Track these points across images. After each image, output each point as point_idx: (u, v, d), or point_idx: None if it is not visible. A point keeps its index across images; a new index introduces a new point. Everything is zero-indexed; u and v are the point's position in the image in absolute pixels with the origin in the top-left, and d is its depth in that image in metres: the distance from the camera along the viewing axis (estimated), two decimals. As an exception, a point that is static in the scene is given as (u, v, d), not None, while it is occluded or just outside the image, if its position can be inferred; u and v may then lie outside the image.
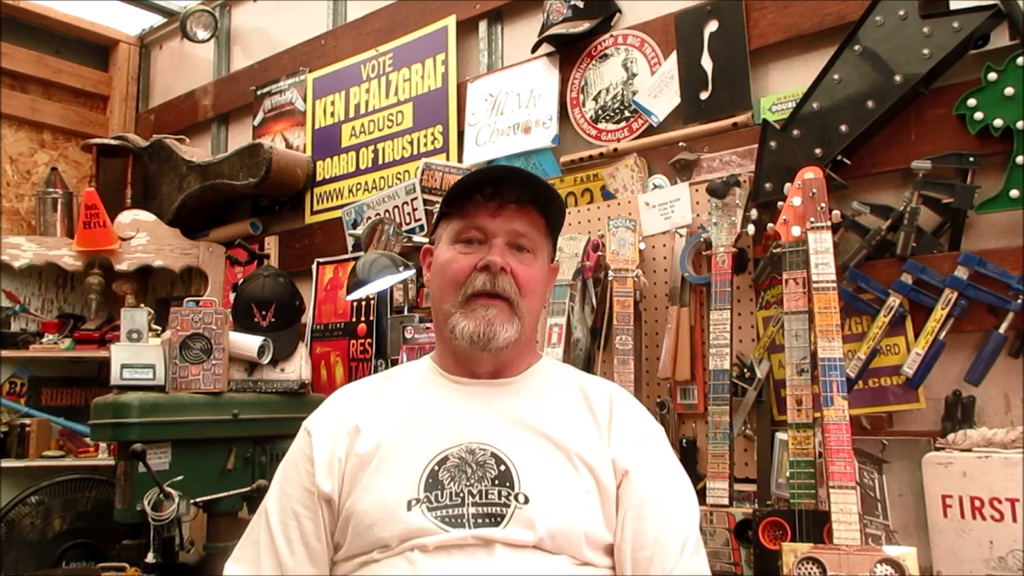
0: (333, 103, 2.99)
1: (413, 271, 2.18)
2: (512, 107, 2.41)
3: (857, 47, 1.70)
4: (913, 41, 1.63)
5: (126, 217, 3.14)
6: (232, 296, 2.60)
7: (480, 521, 1.08)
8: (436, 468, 1.11)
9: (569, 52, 2.31)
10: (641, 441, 1.19)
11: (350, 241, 2.74)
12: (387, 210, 2.61)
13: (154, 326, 2.47)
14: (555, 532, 1.07)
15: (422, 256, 1.32)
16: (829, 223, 1.55)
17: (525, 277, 1.19)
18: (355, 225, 2.69)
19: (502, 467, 1.11)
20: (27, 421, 2.99)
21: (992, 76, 1.57)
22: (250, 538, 1.19)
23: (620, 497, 1.13)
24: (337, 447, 1.17)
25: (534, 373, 1.26)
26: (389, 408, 1.21)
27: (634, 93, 2.16)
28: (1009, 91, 1.55)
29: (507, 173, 1.20)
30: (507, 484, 1.10)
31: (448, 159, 2.55)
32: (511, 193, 1.18)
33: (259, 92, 3.27)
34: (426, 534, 1.07)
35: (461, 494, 1.09)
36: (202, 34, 3.44)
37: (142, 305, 2.93)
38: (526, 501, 1.08)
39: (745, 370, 1.78)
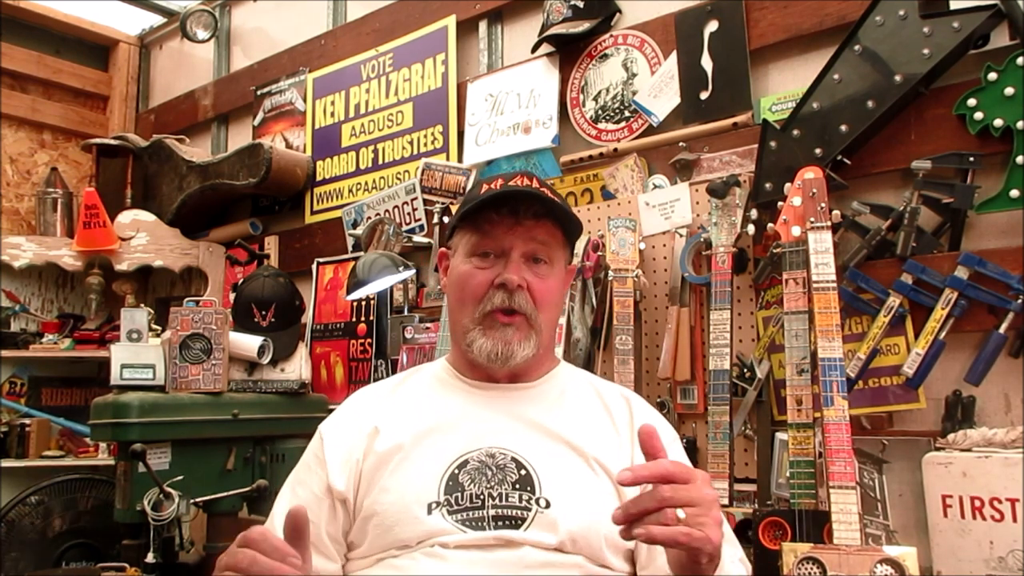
0: (333, 103, 2.99)
1: (413, 271, 2.18)
2: (512, 107, 2.41)
3: (857, 47, 1.70)
4: (913, 41, 1.63)
5: (126, 217, 3.14)
6: (232, 296, 2.60)
7: (500, 523, 1.08)
8: (456, 471, 1.12)
9: (569, 52, 2.31)
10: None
11: (350, 241, 2.74)
12: (387, 210, 2.61)
13: (154, 326, 2.47)
14: (577, 536, 1.08)
15: (439, 260, 1.34)
16: (829, 223, 1.55)
17: (541, 291, 1.19)
18: (355, 225, 2.69)
19: (523, 471, 1.12)
20: (27, 421, 2.99)
21: (992, 76, 1.57)
22: None
23: None
24: (355, 448, 1.17)
25: (553, 378, 1.27)
26: (408, 409, 1.22)
27: (634, 93, 2.16)
28: (1009, 91, 1.55)
29: (523, 193, 1.19)
30: (528, 488, 1.10)
31: (448, 159, 2.55)
32: (528, 209, 1.18)
33: (259, 92, 3.27)
34: (446, 535, 1.07)
35: (481, 496, 1.10)
36: (202, 34, 3.44)
37: (142, 305, 2.93)
38: (547, 505, 1.09)
39: (745, 370, 1.78)
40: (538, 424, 1.18)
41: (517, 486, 1.11)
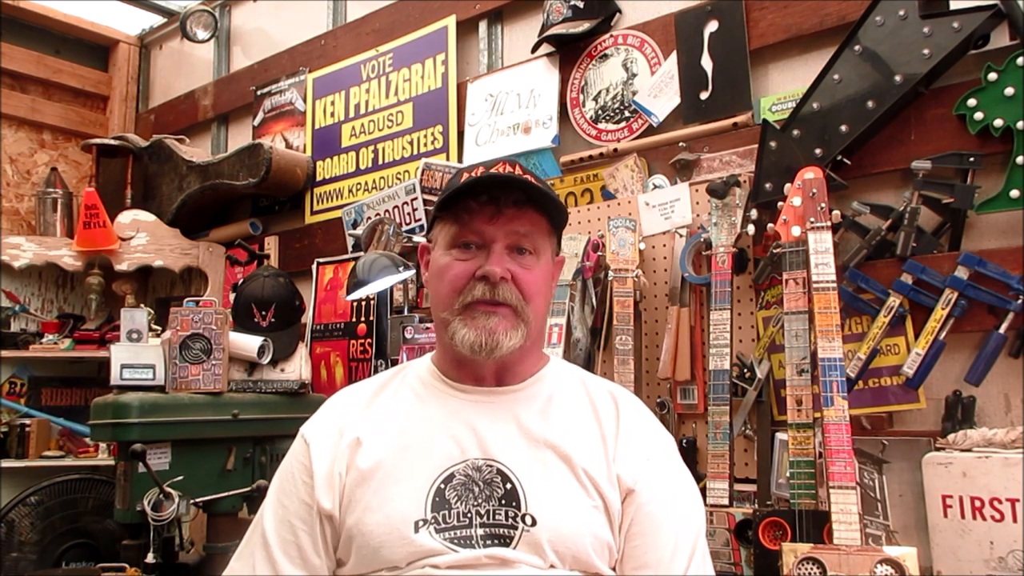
0: (333, 103, 2.99)
1: (413, 271, 2.18)
2: (512, 107, 2.41)
3: (857, 47, 1.70)
4: (913, 41, 1.63)
5: (126, 217, 3.14)
6: (232, 296, 2.60)
7: (489, 542, 1.05)
8: (442, 486, 1.08)
9: (569, 52, 2.31)
10: (649, 454, 1.15)
11: (350, 241, 2.74)
12: (387, 210, 2.61)
13: (154, 326, 2.47)
14: (563, 554, 1.05)
15: (419, 254, 1.27)
16: (829, 223, 1.56)
17: (528, 281, 1.13)
18: (355, 225, 2.69)
19: (508, 485, 1.08)
20: (27, 421, 2.99)
21: (992, 76, 1.57)
22: (246, 550, 1.15)
23: (624, 513, 1.11)
24: (338, 460, 1.13)
25: (541, 379, 1.21)
26: (391, 419, 1.17)
27: (634, 93, 2.16)
28: (1009, 91, 1.55)
29: (503, 179, 1.13)
30: (513, 504, 1.07)
31: (448, 159, 2.55)
32: (509, 197, 1.13)
33: (259, 92, 3.27)
34: (436, 555, 1.04)
35: (469, 514, 1.06)
36: (202, 34, 3.44)
37: (142, 305, 2.93)
38: (533, 523, 1.06)
39: (745, 370, 1.78)
40: (526, 431, 1.13)
41: (503, 502, 1.07)
